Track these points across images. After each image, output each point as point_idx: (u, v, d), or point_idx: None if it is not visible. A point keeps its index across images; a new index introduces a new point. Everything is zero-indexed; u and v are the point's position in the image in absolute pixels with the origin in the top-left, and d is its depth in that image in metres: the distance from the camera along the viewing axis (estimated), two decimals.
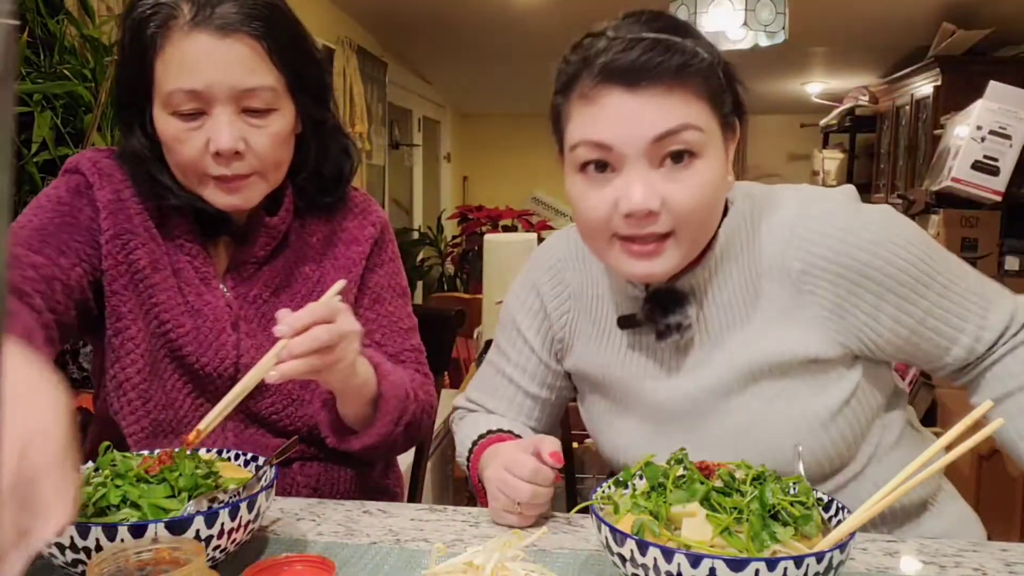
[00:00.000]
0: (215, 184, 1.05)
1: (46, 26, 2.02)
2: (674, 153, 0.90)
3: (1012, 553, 0.89)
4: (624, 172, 0.91)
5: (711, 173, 0.92)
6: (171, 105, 1.02)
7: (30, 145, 1.90)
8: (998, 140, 3.83)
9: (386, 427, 1.07)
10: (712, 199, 0.93)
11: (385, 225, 1.25)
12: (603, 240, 0.95)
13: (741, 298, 0.99)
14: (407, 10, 4.87)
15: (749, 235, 0.99)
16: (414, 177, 7.07)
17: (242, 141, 1.03)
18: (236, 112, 1.03)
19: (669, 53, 0.88)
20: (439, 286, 6.87)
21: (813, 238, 0.96)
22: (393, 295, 1.23)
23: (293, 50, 1.07)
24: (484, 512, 1.01)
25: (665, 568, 0.69)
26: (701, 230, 0.95)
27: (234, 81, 1.01)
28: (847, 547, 0.72)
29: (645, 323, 1.01)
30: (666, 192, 0.90)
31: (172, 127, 1.03)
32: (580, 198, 0.95)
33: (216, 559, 0.80)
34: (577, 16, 5.57)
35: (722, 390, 0.99)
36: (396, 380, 1.09)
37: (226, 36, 1.00)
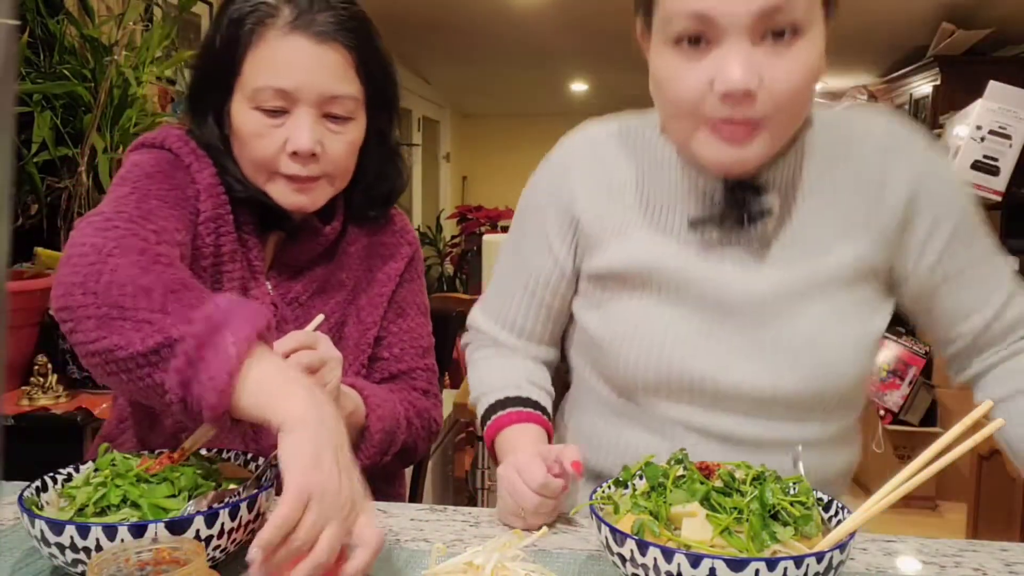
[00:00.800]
0: (286, 182, 1.07)
1: (46, 26, 2.03)
2: (778, 30, 0.84)
3: (1012, 553, 0.89)
4: (722, 47, 0.85)
5: (813, 53, 0.87)
6: (256, 100, 1.04)
7: (30, 145, 1.90)
8: (998, 140, 3.83)
9: (370, 459, 1.07)
10: (810, 84, 0.88)
11: (418, 246, 1.28)
12: (691, 123, 0.90)
13: (822, 200, 0.97)
14: (407, 10, 4.87)
15: (836, 142, 0.98)
16: (414, 177, 7.08)
17: (319, 144, 1.05)
18: (317, 116, 1.05)
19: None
20: (438, 286, 6.88)
21: (908, 154, 0.97)
22: (416, 312, 1.24)
23: (376, 64, 1.10)
24: (484, 512, 1.01)
25: (665, 568, 0.69)
26: (795, 116, 0.91)
27: (323, 86, 1.04)
28: (847, 547, 0.72)
29: (727, 212, 0.95)
30: (766, 72, 0.85)
31: (254, 122, 1.05)
32: (671, 76, 0.89)
33: (216, 559, 0.80)
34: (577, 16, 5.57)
35: (795, 293, 0.96)
36: (384, 412, 1.09)
37: (322, 42, 1.03)
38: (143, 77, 2.15)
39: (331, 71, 1.05)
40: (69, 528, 0.74)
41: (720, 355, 0.97)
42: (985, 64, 4.52)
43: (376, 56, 1.10)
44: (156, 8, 2.52)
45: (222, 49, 1.06)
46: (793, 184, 0.97)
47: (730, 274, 0.97)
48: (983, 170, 3.85)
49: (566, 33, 5.20)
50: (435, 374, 1.26)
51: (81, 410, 1.83)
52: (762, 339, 0.96)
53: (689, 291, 0.98)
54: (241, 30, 1.04)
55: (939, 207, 0.97)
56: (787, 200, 0.97)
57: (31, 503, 0.82)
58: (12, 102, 0.37)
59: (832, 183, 0.97)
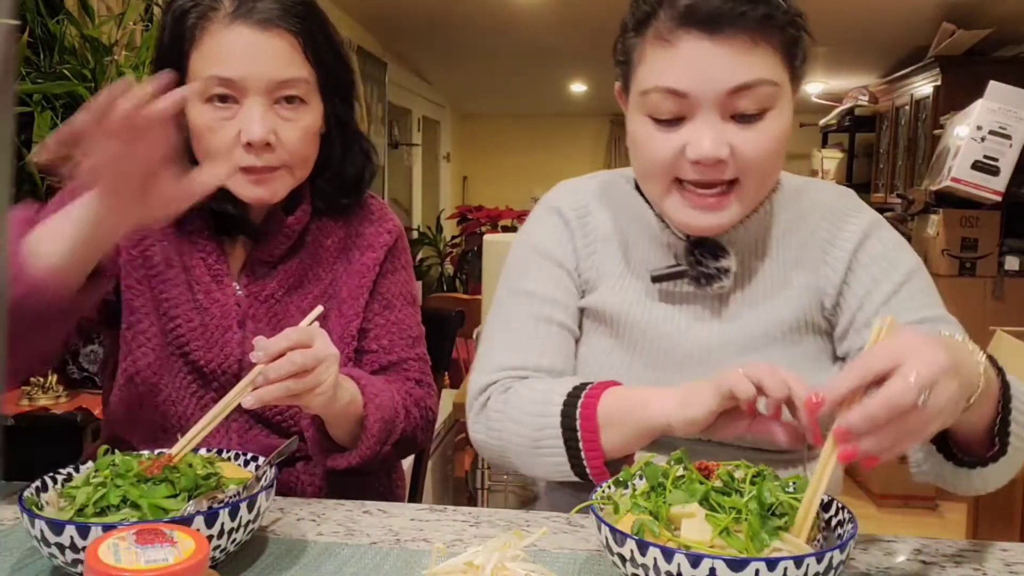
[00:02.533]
0: (243, 175, 1.07)
1: (46, 26, 2.03)
2: (746, 113, 0.91)
3: (1012, 553, 0.89)
4: (695, 119, 0.91)
5: (780, 126, 0.93)
6: (206, 94, 1.04)
7: (30, 145, 1.90)
8: (998, 140, 3.83)
9: (370, 449, 1.07)
10: (778, 151, 0.94)
11: (400, 234, 1.26)
12: (663, 184, 0.95)
13: (776, 262, 1.02)
14: (407, 10, 4.88)
15: (792, 211, 1.03)
16: (414, 177, 7.08)
17: (273, 133, 1.05)
18: (268, 104, 1.05)
19: (753, 3, 0.88)
20: (438, 286, 6.87)
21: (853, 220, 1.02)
22: (403, 303, 1.23)
23: (326, 48, 1.10)
24: (484, 512, 1.01)
25: (665, 568, 0.69)
26: (763, 183, 0.96)
27: (270, 73, 1.04)
28: (847, 547, 0.72)
29: (689, 269, 1.00)
30: (735, 141, 0.91)
31: (205, 116, 1.05)
32: (645, 140, 0.94)
33: (216, 559, 0.80)
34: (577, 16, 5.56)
35: (744, 345, 0.99)
36: (383, 401, 1.08)
37: (265, 29, 1.04)
38: (143, 77, 2.15)
39: (277, 57, 1.05)
40: (69, 528, 0.74)
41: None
42: (985, 64, 4.52)
43: (325, 40, 1.10)
44: (156, 8, 2.51)
45: (169, 47, 1.07)
46: (752, 245, 1.03)
47: (684, 326, 1.02)
48: (983, 170, 3.85)
49: (566, 33, 5.20)
50: (427, 364, 1.25)
51: (81, 410, 1.83)
52: None
53: (646, 339, 1.03)
54: (185, 25, 1.05)
55: (878, 267, 1.00)
56: (745, 260, 1.02)
57: (31, 503, 0.82)
58: (12, 102, 0.37)
59: (787, 246, 1.03)
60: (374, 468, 1.14)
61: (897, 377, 0.68)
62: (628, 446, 0.95)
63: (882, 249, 1.02)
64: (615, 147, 8.57)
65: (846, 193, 1.07)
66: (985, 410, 0.81)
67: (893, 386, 0.68)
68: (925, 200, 4.30)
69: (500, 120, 8.65)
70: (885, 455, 0.70)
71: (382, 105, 5.50)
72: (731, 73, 0.89)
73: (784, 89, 0.93)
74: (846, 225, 1.02)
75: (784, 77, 0.93)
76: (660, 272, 1.02)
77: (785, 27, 0.91)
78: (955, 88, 4.48)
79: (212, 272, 1.14)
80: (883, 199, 5.44)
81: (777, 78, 0.91)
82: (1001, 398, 0.82)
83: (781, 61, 0.92)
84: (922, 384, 0.67)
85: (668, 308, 1.03)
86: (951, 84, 4.56)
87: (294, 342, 0.92)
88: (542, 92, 7.63)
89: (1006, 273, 4.05)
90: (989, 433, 0.84)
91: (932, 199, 4.22)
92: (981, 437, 0.85)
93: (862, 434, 0.69)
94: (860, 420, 0.68)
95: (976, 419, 0.82)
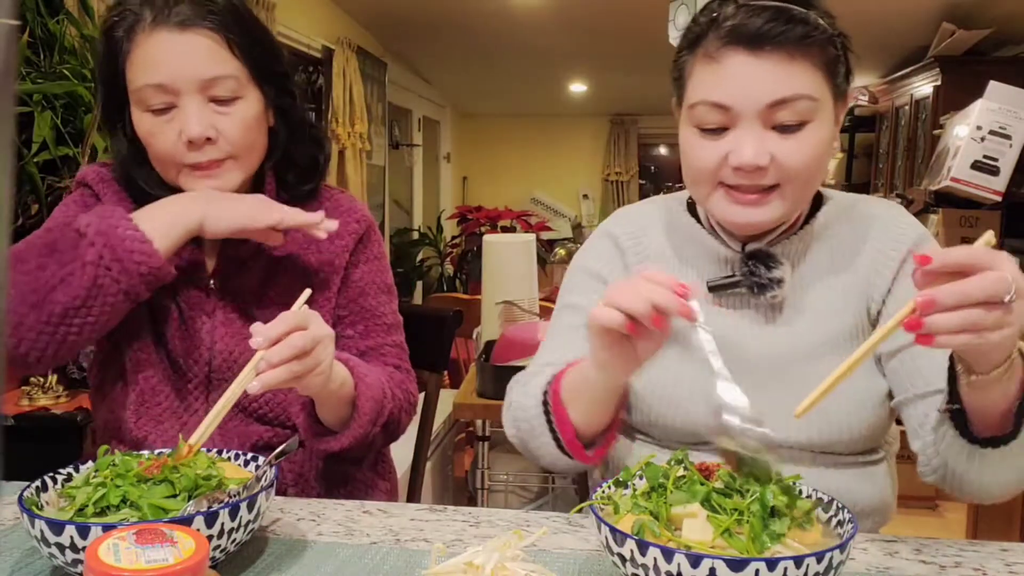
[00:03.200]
0: (191, 172, 1.11)
1: (46, 26, 2.03)
2: (786, 121, 0.95)
3: (1012, 553, 0.89)
4: (737, 128, 0.96)
5: (820, 136, 0.97)
6: (143, 102, 1.09)
7: (30, 145, 1.90)
8: (998, 140, 3.83)
9: (363, 428, 1.09)
10: (819, 160, 0.98)
11: (371, 225, 1.27)
12: (708, 186, 1.01)
13: (828, 273, 1.06)
14: (407, 10, 4.88)
15: (844, 224, 1.07)
16: (414, 177, 7.08)
17: (212, 128, 1.08)
18: (203, 102, 1.09)
19: (793, 23, 0.94)
20: (438, 286, 6.87)
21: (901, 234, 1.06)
22: (377, 291, 1.25)
23: (252, 41, 1.12)
24: (484, 512, 1.01)
25: (665, 568, 0.69)
26: (805, 189, 1.00)
27: (197, 71, 1.07)
28: (847, 547, 0.72)
29: (744, 278, 1.04)
30: (776, 150, 0.96)
31: (146, 123, 1.09)
32: (693, 148, 1.00)
33: (216, 559, 0.80)
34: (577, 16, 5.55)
35: (808, 353, 1.03)
36: (372, 381, 1.11)
37: (185, 30, 1.07)
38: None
39: (202, 55, 1.08)
40: (69, 528, 0.74)
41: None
42: (985, 64, 4.51)
43: (250, 33, 1.13)
44: None
45: (105, 63, 1.13)
46: (803, 258, 1.07)
47: (750, 335, 1.05)
48: (983, 170, 3.85)
49: (566, 33, 5.20)
50: (404, 351, 1.27)
51: (81, 410, 1.83)
52: (776, 396, 0.99)
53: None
54: (115, 41, 1.10)
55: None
56: (797, 271, 1.06)
57: (31, 503, 0.82)
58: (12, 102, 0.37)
59: (840, 257, 1.07)
60: (364, 452, 1.15)
61: (993, 271, 0.73)
62: (591, 413, 0.98)
63: None
64: (615, 147, 8.57)
65: (896, 207, 1.11)
66: (1009, 389, 0.84)
67: (990, 276, 0.73)
68: (925, 200, 4.30)
69: (500, 120, 8.65)
70: (946, 340, 0.74)
71: (382, 105, 5.50)
72: (771, 88, 0.94)
73: (824, 104, 0.97)
74: (896, 236, 1.06)
75: (825, 93, 0.97)
76: (716, 282, 1.06)
77: (825, 45, 0.97)
78: (955, 88, 4.47)
79: (186, 272, 1.15)
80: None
81: (817, 93, 0.96)
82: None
83: (822, 77, 0.97)
84: (1017, 285, 0.73)
85: (730, 318, 1.07)
86: (951, 84, 4.55)
87: (292, 325, 0.94)
88: (542, 92, 7.62)
89: None
90: (1005, 417, 0.86)
91: (932, 199, 4.22)
92: (997, 421, 0.87)
93: (945, 308, 0.73)
94: (950, 293, 0.73)
95: (999, 397, 0.84)
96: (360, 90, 4.83)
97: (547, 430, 1.00)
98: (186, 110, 1.07)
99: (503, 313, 2.44)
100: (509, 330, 2.25)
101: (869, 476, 1.05)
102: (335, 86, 4.53)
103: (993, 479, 0.91)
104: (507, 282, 2.55)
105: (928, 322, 0.73)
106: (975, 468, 0.90)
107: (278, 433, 1.17)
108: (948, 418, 0.90)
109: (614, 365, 0.90)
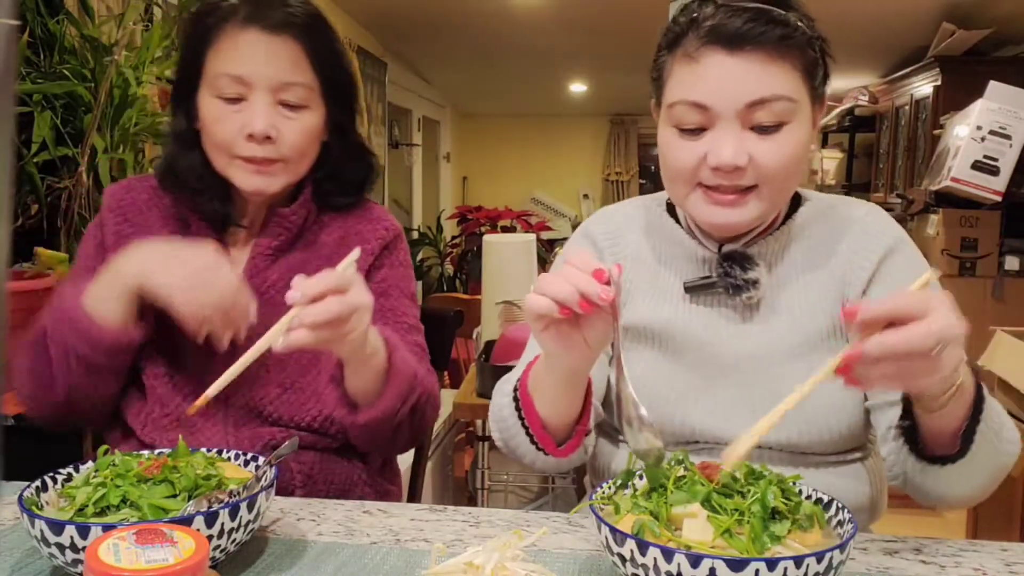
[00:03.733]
0: (243, 164, 1.14)
1: (46, 26, 2.02)
2: (764, 122, 0.96)
3: (1012, 553, 0.89)
4: (716, 129, 0.97)
5: (797, 138, 0.98)
6: (216, 88, 1.13)
7: (30, 145, 1.90)
8: (998, 140, 3.83)
9: (392, 401, 1.08)
10: (796, 162, 0.98)
11: (399, 234, 1.30)
12: (687, 187, 1.01)
13: (804, 274, 1.06)
14: (407, 10, 4.88)
15: (821, 224, 1.08)
16: (414, 177, 7.08)
17: (274, 128, 1.13)
18: (273, 103, 1.13)
19: (772, 24, 0.94)
20: (438, 286, 6.87)
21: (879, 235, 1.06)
22: (399, 294, 1.26)
23: (329, 57, 1.18)
24: (484, 512, 1.01)
25: (665, 568, 0.69)
26: (782, 190, 1.01)
27: (275, 73, 1.13)
28: (847, 547, 0.72)
29: (720, 279, 1.05)
30: (754, 150, 0.96)
31: (214, 108, 1.13)
32: (671, 148, 1.01)
33: (216, 559, 0.80)
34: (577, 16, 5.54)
35: (785, 354, 1.03)
36: (406, 356, 1.12)
37: (274, 34, 1.13)
38: (143, 77, 2.15)
39: (283, 60, 1.13)
40: (69, 528, 0.74)
41: (718, 410, 1.03)
42: (985, 64, 4.52)
43: (328, 49, 1.18)
44: (156, 8, 2.51)
45: (189, 46, 1.17)
46: (780, 258, 1.07)
47: (726, 335, 1.06)
48: (983, 170, 3.85)
49: (566, 33, 5.20)
50: (426, 353, 1.26)
51: None
52: (755, 395, 1.03)
53: (689, 347, 1.06)
54: (203, 28, 1.15)
55: (895, 281, 1.03)
56: (773, 271, 1.06)
57: (31, 503, 0.82)
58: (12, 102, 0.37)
59: (816, 258, 1.07)
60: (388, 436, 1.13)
61: (922, 323, 0.73)
62: (557, 403, 0.98)
63: (904, 263, 1.05)
64: (615, 147, 8.57)
65: (875, 209, 1.11)
66: (957, 412, 0.86)
67: (916, 329, 0.73)
68: (925, 200, 4.31)
69: (500, 120, 8.65)
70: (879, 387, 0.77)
71: (382, 105, 5.50)
72: (750, 88, 0.94)
73: (802, 106, 0.98)
74: (873, 239, 1.06)
75: (803, 95, 0.98)
76: (693, 283, 1.07)
77: (804, 48, 0.96)
78: (955, 88, 4.48)
79: None
80: (883, 199, 5.43)
81: (795, 95, 0.96)
82: (974, 406, 0.87)
83: (800, 79, 0.97)
84: (941, 337, 0.73)
85: (706, 318, 1.07)
86: (951, 84, 4.55)
87: (332, 286, 0.92)
88: (542, 92, 7.63)
89: (1006, 273, 4.05)
90: (955, 436, 0.88)
91: (932, 199, 4.22)
92: (949, 439, 0.89)
93: (871, 360, 0.74)
94: (876, 347, 0.73)
95: (948, 420, 0.87)
96: (360, 90, 4.83)
97: (520, 425, 1.00)
98: (255, 106, 1.12)
99: (503, 313, 2.44)
100: (509, 330, 2.25)
101: (852, 474, 1.05)
102: None
103: (949, 491, 0.94)
104: (507, 282, 2.55)
105: (856, 373, 0.75)
106: (930, 481, 0.93)
107: (290, 434, 1.16)
108: (901, 434, 0.93)
109: (561, 352, 0.89)
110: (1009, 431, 0.92)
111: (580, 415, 0.99)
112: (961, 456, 0.88)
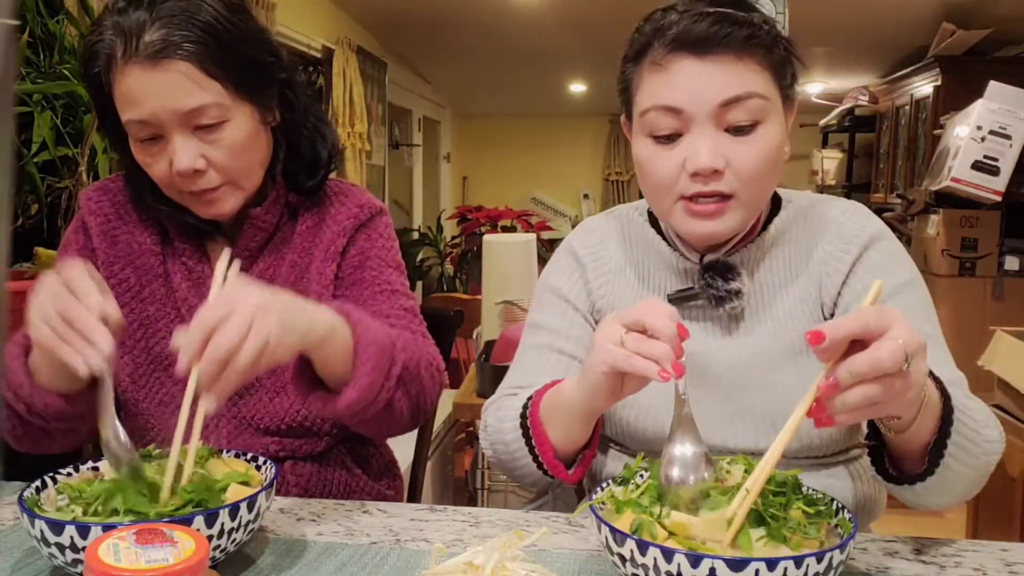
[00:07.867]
0: (191, 198, 1.10)
1: (46, 26, 2.02)
2: (739, 125, 0.96)
3: (1012, 553, 0.89)
4: (691, 133, 0.96)
5: (772, 138, 0.97)
6: (132, 133, 1.06)
7: (30, 145, 1.90)
8: (998, 140, 3.83)
9: (370, 376, 0.99)
10: (773, 163, 0.98)
11: (376, 210, 1.23)
12: (668, 200, 1.00)
13: (785, 279, 1.06)
14: (407, 10, 4.87)
15: (800, 227, 1.08)
16: (414, 177, 7.07)
17: (201, 159, 1.05)
18: (189, 134, 1.04)
19: (736, 26, 0.94)
20: (438, 286, 6.87)
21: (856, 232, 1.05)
22: (380, 264, 1.21)
23: (232, 58, 1.05)
24: (484, 512, 1.01)
25: (665, 568, 0.69)
26: (760, 194, 1.00)
27: (175, 105, 1.02)
28: (847, 547, 0.72)
29: (702, 291, 1.04)
30: (730, 153, 0.96)
31: (140, 153, 1.08)
32: (649, 159, 1.00)
33: (216, 559, 0.80)
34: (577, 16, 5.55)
35: (763, 362, 1.03)
36: (374, 329, 1.02)
37: (157, 64, 1.01)
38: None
39: (177, 89, 1.02)
40: (69, 528, 0.74)
41: (708, 420, 1.01)
42: (985, 64, 4.51)
43: (229, 49, 1.05)
44: None
45: (92, 95, 1.09)
46: (761, 265, 1.07)
47: (715, 346, 1.05)
48: (983, 170, 3.85)
49: (566, 33, 5.20)
50: (417, 318, 1.20)
51: None
52: (745, 405, 1.03)
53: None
54: (94, 79, 1.06)
55: (872, 276, 1.00)
56: (756, 279, 1.06)
57: (31, 503, 0.82)
58: (12, 102, 0.37)
59: (797, 263, 1.07)
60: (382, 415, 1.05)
61: (886, 340, 0.70)
62: (569, 433, 0.98)
63: (879, 259, 1.04)
64: (615, 147, 8.57)
65: (853, 207, 1.11)
66: (926, 426, 0.84)
67: (883, 346, 0.70)
68: (925, 200, 4.30)
69: (500, 120, 8.64)
70: (848, 417, 0.73)
71: (382, 105, 5.50)
72: (721, 88, 0.94)
73: (774, 105, 0.98)
74: (846, 239, 1.05)
75: (774, 94, 0.98)
76: (676, 295, 1.07)
77: (770, 47, 0.96)
78: (955, 88, 4.48)
79: (192, 277, 1.16)
80: (883, 199, 5.44)
81: (767, 93, 0.96)
82: (942, 421, 0.84)
83: (770, 79, 0.97)
84: (908, 351, 0.70)
85: (692, 329, 1.04)
86: (951, 84, 4.55)
87: (208, 329, 0.83)
88: (542, 92, 7.62)
89: (1006, 273, 4.05)
90: (923, 453, 0.86)
91: (932, 199, 4.22)
92: (917, 456, 0.87)
93: (847, 388, 0.71)
94: (848, 375, 0.71)
95: (917, 435, 0.84)
96: (360, 90, 4.83)
97: (527, 451, 1.00)
98: (172, 143, 1.04)
99: (503, 313, 2.44)
100: (509, 330, 2.25)
101: (848, 474, 1.05)
102: (335, 86, 4.53)
103: (929, 502, 0.92)
104: (507, 282, 2.55)
105: (833, 406, 0.72)
106: (908, 495, 0.91)
107: (284, 444, 1.16)
108: (867, 454, 0.92)
109: (601, 396, 0.90)
110: (989, 430, 0.90)
111: (588, 441, 1.00)
112: (930, 474, 0.85)
